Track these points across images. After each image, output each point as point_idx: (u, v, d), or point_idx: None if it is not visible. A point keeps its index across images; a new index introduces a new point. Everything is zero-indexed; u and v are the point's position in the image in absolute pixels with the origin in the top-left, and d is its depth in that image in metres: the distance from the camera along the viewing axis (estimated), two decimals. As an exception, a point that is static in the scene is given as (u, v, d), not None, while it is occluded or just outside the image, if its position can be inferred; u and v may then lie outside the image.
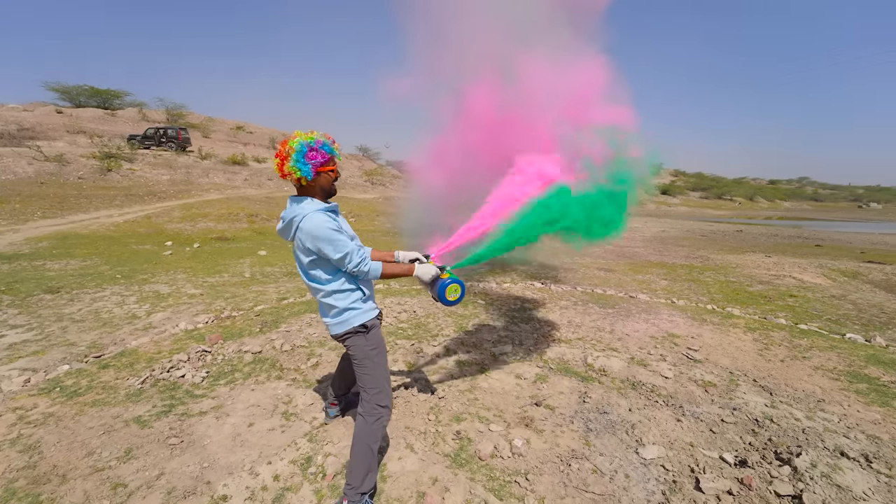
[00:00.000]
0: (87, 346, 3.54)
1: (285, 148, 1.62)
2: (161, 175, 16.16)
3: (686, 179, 57.26)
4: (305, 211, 1.65)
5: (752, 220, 28.44)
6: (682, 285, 6.54)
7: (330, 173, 1.72)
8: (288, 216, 1.70)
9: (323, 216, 1.65)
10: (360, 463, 1.72)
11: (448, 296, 1.98)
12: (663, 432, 2.38)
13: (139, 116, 26.22)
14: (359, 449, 1.74)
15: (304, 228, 1.64)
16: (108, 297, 5.08)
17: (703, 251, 11.14)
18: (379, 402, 1.80)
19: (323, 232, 1.62)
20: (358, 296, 1.79)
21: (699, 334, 4.11)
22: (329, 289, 1.74)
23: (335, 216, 1.73)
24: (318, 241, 1.62)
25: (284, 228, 1.73)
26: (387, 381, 1.87)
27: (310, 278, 1.76)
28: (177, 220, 11.30)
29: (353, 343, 1.80)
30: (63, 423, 2.39)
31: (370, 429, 1.76)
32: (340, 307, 1.76)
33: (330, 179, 1.74)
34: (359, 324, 1.78)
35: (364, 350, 1.80)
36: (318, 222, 1.62)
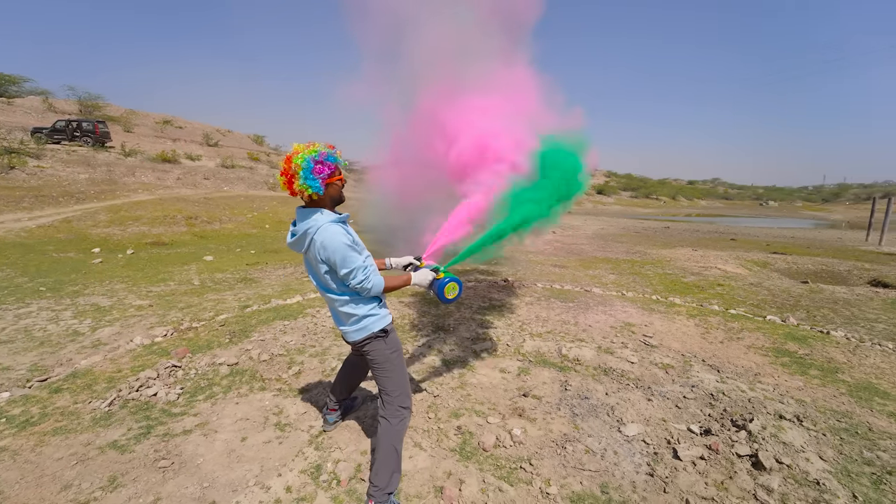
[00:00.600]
0: (27, 370, 3.15)
1: (291, 166, 1.60)
2: (78, 174, 14.39)
3: (618, 180, 61.82)
4: (319, 223, 1.66)
5: (675, 218, 31.44)
6: (628, 278, 7.14)
7: (338, 183, 1.73)
8: (301, 229, 1.69)
9: (338, 229, 1.67)
10: (387, 464, 1.77)
11: (447, 294, 2.07)
12: (638, 411, 2.66)
13: (44, 107, 23.08)
14: (384, 450, 1.78)
15: (317, 241, 1.65)
16: (37, 312, 4.52)
17: (639, 247, 12.17)
18: (402, 403, 1.85)
19: (336, 245, 1.63)
20: (375, 302, 1.83)
21: (650, 322, 4.56)
22: (346, 297, 1.77)
23: (348, 228, 1.75)
24: (331, 253, 1.64)
25: (297, 241, 1.72)
26: (407, 383, 1.92)
27: (326, 289, 1.77)
28: (103, 223, 10.18)
29: (374, 348, 1.83)
30: (22, 456, 2.15)
31: (394, 430, 1.81)
32: (359, 314, 1.78)
33: (339, 189, 1.76)
34: (378, 329, 1.82)
35: (385, 354, 1.84)
36: (333, 234, 1.64)
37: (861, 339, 4.07)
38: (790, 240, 14.70)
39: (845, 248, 12.08)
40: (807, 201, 63.41)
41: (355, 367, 2.33)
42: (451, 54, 3.24)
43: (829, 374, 3.28)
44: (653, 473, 2.08)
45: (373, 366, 1.88)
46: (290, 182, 1.63)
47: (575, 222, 20.96)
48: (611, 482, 2.02)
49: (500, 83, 3.16)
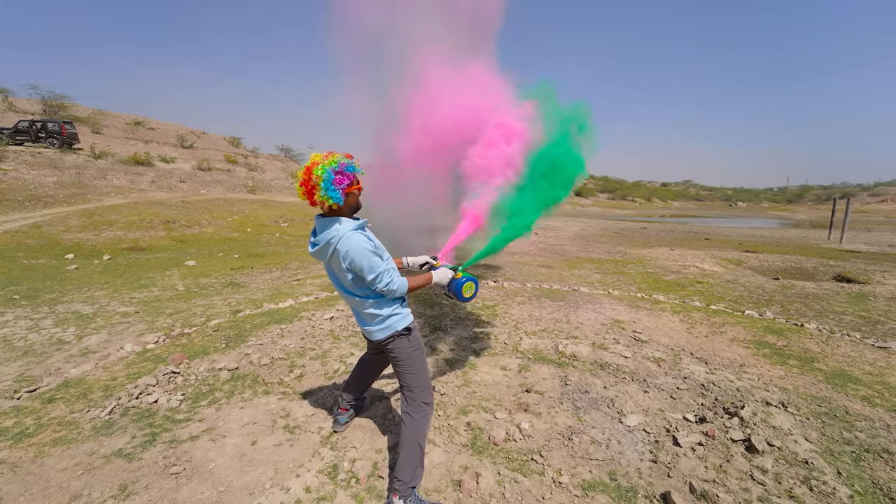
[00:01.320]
0: (13, 380, 3.03)
1: (312, 178, 1.63)
2: (45, 177, 13.73)
3: (595, 182, 63.29)
4: (341, 232, 1.70)
5: (651, 218, 32.43)
6: (613, 277, 7.36)
7: (356, 192, 1.78)
8: (323, 239, 1.73)
9: (360, 237, 1.71)
10: (411, 458, 1.81)
11: (465, 293, 2.15)
12: (637, 403, 2.78)
13: (4, 106, 21.92)
14: (409, 446, 1.82)
15: (341, 250, 1.69)
16: (14, 321, 4.33)
17: (620, 247, 12.54)
18: (424, 399, 1.89)
19: (360, 252, 1.68)
20: (398, 303, 1.89)
21: (638, 319, 4.74)
22: (371, 300, 1.82)
23: (368, 234, 1.80)
24: (355, 261, 1.69)
25: (320, 250, 1.76)
26: (429, 379, 1.97)
27: (351, 293, 1.82)
28: (75, 228, 9.76)
29: (397, 345, 1.88)
30: (23, 468, 2.08)
31: (417, 425, 1.85)
32: (384, 314, 1.83)
33: (356, 197, 1.80)
34: (403, 327, 1.87)
35: (408, 351, 1.89)
36: (357, 243, 1.68)
37: (832, 330, 4.35)
38: (760, 238, 15.41)
39: (810, 246, 12.77)
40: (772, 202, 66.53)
41: (370, 367, 2.36)
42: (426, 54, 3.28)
43: (806, 363, 3.50)
44: (656, 460, 2.19)
45: (395, 363, 1.92)
46: (311, 193, 1.66)
47: (556, 223, 21.36)
48: (618, 469, 2.12)
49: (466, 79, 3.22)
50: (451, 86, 3.07)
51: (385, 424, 2.47)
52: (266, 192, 21.14)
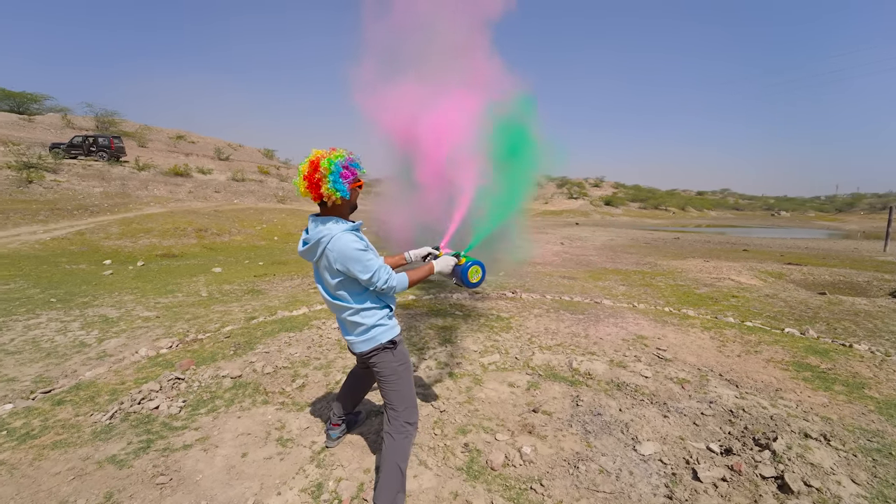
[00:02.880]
0: (31, 381, 3.14)
1: (319, 170, 1.58)
2: (93, 187, 14.70)
3: (626, 191, 61.53)
4: (333, 232, 1.64)
5: (685, 228, 31.07)
6: (639, 290, 7.00)
7: (358, 189, 1.74)
8: (314, 237, 1.66)
9: (352, 236, 1.64)
10: (391, 483, 1.69)
11: (471, 278, 2.02)
12: (654, 428, 2.54)
13: (63, 123, 23.79)
14: (388, 469, 1.71)
15: (332, 249, 1.62)
16: (46, 323, 4.54)
17: (649, 258, 12.00)
18: (407, 419, 1.78)
19: (352, 252, 1.61)
20: (385, 313, 1.79)
21: (664, 335, 4.43)
22: (356, 307, 1.73)
23: (360, 235, 1.72)
24: (349, 261, 1.62)
25: (309, 250, 1.69)
26: (414, 398, 1.85)
27: (335, 297, 1.73)
28: (115, 236, 10.33)
29: (381, 360, 1.78)
30: (19, 471, 2.11)
31: (398, 447, 1.73)
32: (368, 324, 1.74)
33: (357, 195, 1.77)
34: (387, 340, 1.77)
35: (392, 366, 1.78)
36: (347, 242, 1.62)
37: (887, 352, 3.90)
38: (805, 250, 14.38)
39: (862, 259, 11.77)
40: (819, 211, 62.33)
41: (360, 380, 2.26)
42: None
43: (855, 389, 3.12)
44: (671, 496, 1.96)
45: (379, 378, 1.82)
46: (317, 186, 1.60)
47: (583, 234, 20.82)
48: (627, 505, 1.91)
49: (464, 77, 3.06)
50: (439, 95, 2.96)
51: (377, 442, 2.35)
52: (295, 202, 21.79)
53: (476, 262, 2.03)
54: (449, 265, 1.96)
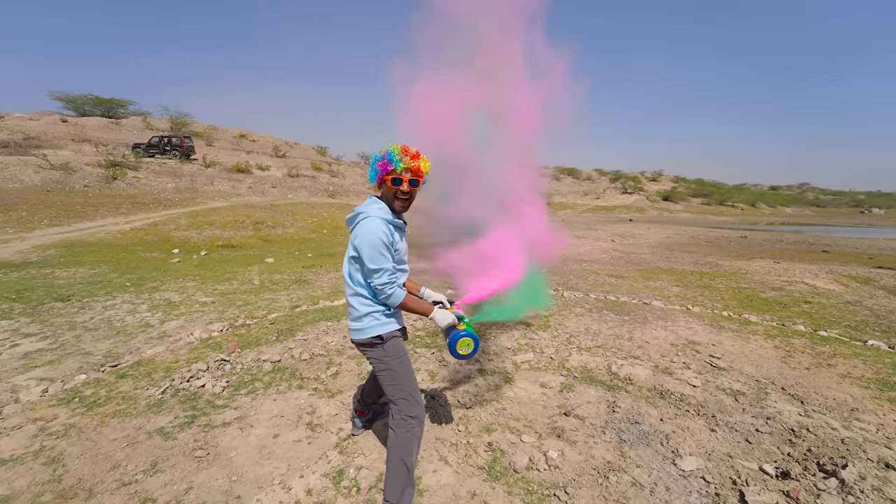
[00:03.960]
0: (102, 356, 3.50)
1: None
2: (166, 183, 16.18)
3: (687, 186, 57.34)
4: (370, 213, 1.70)
5: (754, 226, 28.40)
6: (695, 291, 6.49)
7: (388, 182, 1.71)
8: (357, 210, 1.76)
9: (381, 225, 1.66)
10: (396, 478, 1.68)
11: (459, 349, 1.87)
12: (699, 443, 2.33)
13: (143, 125, 26.39)
14: (393, 464, 1.70)
15: (360, 226, 1.68)
16: (120, 305, 5.04)
17: (710, 257, 11.10)
18: (409, 412, 1.75)
19: (372, 239, 1.63)
20: (382, 308, 1.78)
21: (719, 341, 4.06)
22: (355, 289, 1.76)
23: (394, 231, 1.74)
24: (365, 244, 1.64)
25: (350, 219, 1.78)
26: (414, 391, 1.82)
27: (347, 273, 1.79)
28: (183, 227, 11.29)
29: (372, 354, 1.81)
30: (85, 434, 2.34)
31: (401, 441, 1.72)
32: (362, 312, 1.76)
33: (389, 188, 1.72)
34: (374, 335, 1.76)
35: (384, 360, 1.78)
36: (374, 228, 1.64)
37: None
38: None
39: (977, 265, 10.08)
40: (924, 209, 54.36)
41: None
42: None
43: (954, 416, 2.67)
44: (713, 518, 1.78)
45: (375, 370, 1.84)
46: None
47: (636, 231, 19.73)
48: (660, 523, 1.76)
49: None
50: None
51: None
52: (344, 197, 22.60)
53: (472, 334, 1.89)
54: (445, 321, 1.84)
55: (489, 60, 2.98)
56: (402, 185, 1.69)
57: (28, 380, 3.02)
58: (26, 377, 3.06)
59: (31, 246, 8.65)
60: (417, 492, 1.88)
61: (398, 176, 1.68)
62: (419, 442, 1.81)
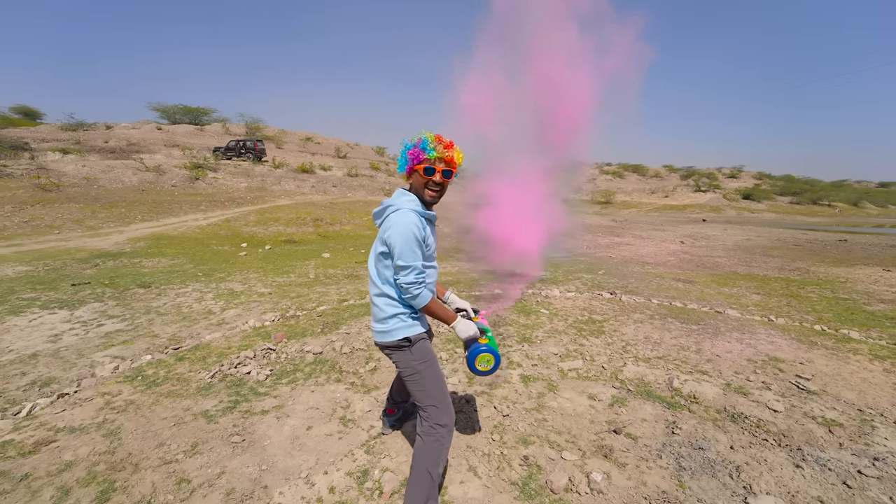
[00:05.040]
0: (167, 339, 3.78)
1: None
2: (240, 183, 17.59)
3: (773, 183, 51.30)
4: (401, 205, 1.61)
5: (857, 229, 24.66)
6: (780, 301, 5.69)
7: (419, 172, 1.61)
8: (386, 203, 1.68)
9: (414, 218, 1.57)
10: (419, 488, 1.56)
11: (477, 364, 1.74)
12: (779, 480, 1.96)
13: (223, 130, 29.00)
14: (417, 473, 1.58)
15: (391, 219, 1.59)
16: (190, 293, 5.47)
17: (800, 262, 9.76)
18: (438, 420, 1.62)
19: (405, 232, 1.53)
20: (409, 308, 1.67)
21: (809, 359, 3.48)
22: (383, 289, 1.65)
23: (426, 225, 1.64)
24: (395, 236, 1.54)
25: (378, 212, 1.70)
26: (444, 397, 1.69)
27: (374, 271, 1.69)
28: (252, 223, 12.17)
29: (398, 358, 1.69)
30: (141, 411, 2.51)
31: (428, 451, 1.59)
32: (388, 314, 1.65)
33: (419, 179, 1.63)
34: (402, 337, 1.66)
35: (412, 364, 1.66)
36: (407, 221, 1.55)
37: None
38: None
39: None
40: None
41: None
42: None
43: None
44: (797, 577, 1.45)
45: (402, 376, 1.71)
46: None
47: (710, 232, 18.02)
48: (726, 574, 1.47)
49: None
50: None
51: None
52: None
53: (494, 351, 1.74)
54: (468, 331, 1.69)
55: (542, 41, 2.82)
56: (435, 175, 1.59)
57: (104, 357, 3.34)
58: (103, 354, 3.39)
59: (126, 238, 9.79)
60: (441, 503, 1.76)
61: (431, 165, 1.58)
62: (447, 451, 1.68)
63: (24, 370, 3.11)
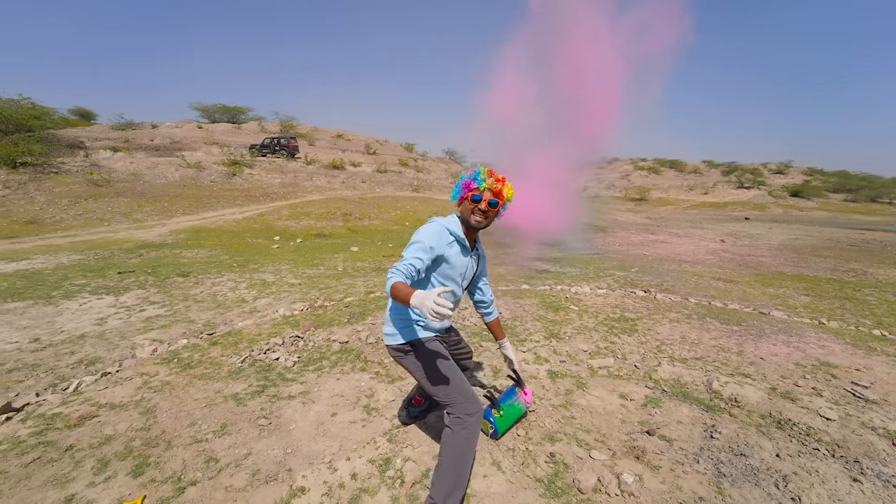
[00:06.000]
0: (202, 324, 3.93)
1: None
2: (274, 179, 18.15)
3: (825, 179, 47.84)
4: (439, 219, 1.80)
5: (923, 229, 22.60)
6: (832, 303, 5.28)
7: (467, 200, 1.76)
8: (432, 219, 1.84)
9: (438, 227, 1.73)
10: (446, 478, 1.53)
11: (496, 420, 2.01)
12: (833, 494, 1.79)
13: (259, 128, 29.99)
14: (444, 462, 1.55)
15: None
16: (225, 282, 5.68)
17: (855, 263, 9.05)
18: (465, 411, 1.59)
19: (419, 231, 1.69)
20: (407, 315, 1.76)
21: (867, 366, 3.19)
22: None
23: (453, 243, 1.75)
24: (413, 235, 1.68)
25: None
26: (463, 388, 1.68)
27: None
28: (284, 217, 12.53)
29: (404, 362, 1.78)
30: (175, 392, 2.61)
31: (457, 441, 1.56)
32: (390, 316, 1.81)
33: (467, 207, 1.76)
34: (405, 341, 1.76)
35: (415, 363, 1.73)
36: (428, 226, 1.72)
37: None
38: None
39: None
40: None
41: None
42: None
43: None
44: None
45: (415, 378, 1.76)
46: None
47: (754, 230, 17.06)
48: (772, 591, 1.35)
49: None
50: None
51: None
52: (427, 191, 23.18)
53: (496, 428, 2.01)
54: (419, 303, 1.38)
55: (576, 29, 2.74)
56: (482, 203, 1.72)
57: (144, 339, 3.50)
58: (143, 337, 3.56)
59: (168, 230, 10.30)
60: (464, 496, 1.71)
61: (479, 193, 1.73)
62: (475, 442, 1.64)
63: (73, 349, 3.31)
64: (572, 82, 2.90)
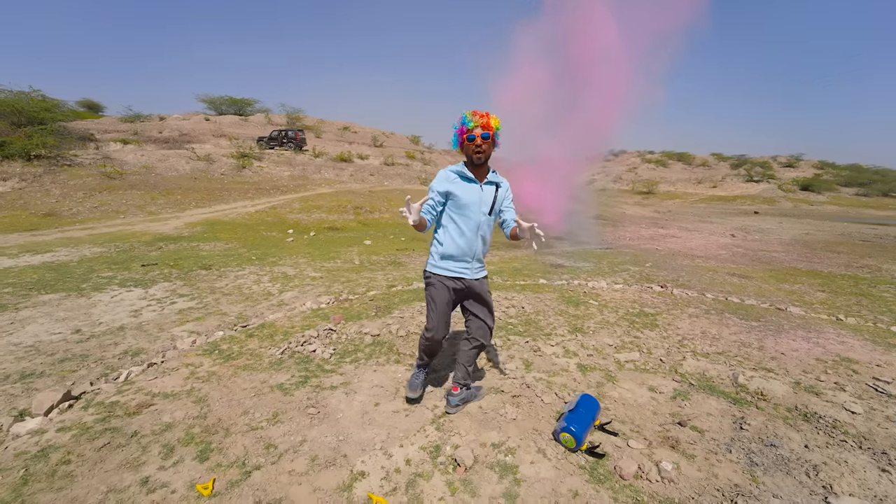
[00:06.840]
0: (235, 317, 4.05)
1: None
2: (283, 171, 18.24)
3: (836, 173, 47.32)
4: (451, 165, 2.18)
5: (935, 224, 22.41)
6: (848, 300, 5.34)
7: (466, 144, 2.09)
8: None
9: (440, 173, 2.14)
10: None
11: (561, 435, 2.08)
12: (863, 483, 1.88)
13: (266, 120, 30.02)
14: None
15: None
16: (248, 275, 5.80)
17: (870, 259, 9.06)
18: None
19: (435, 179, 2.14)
20: (435, 248, 2.24)
21: (888, 362, 3.27)
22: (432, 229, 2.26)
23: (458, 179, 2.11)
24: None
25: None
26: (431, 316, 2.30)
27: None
28: (296, 210, 12.64)
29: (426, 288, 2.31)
30: (223, 382, 2.73)
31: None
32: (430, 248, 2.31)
33: (468, 147, 2.09)
34: (428, 270, 2.28)
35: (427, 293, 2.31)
36: (441, 172, 2.14)
37: None
38: None
39: None
40: None
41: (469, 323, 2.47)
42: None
43: None
44: (891, 579, 1.41)
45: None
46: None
47: (764, 225, 17.01)
48: (812, 570, 1.45)
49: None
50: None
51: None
52: (435, 184, 23.18)
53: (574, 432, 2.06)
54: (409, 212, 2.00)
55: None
56: (476, 139, 2.02)
57: (182, 331, 3.63)
58: (180, 329, 3.69)
59: (184, 223, 10.44)
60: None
61: (471, 132, 2.03)
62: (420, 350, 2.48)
63: (116, 340, 3.44)
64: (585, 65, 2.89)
